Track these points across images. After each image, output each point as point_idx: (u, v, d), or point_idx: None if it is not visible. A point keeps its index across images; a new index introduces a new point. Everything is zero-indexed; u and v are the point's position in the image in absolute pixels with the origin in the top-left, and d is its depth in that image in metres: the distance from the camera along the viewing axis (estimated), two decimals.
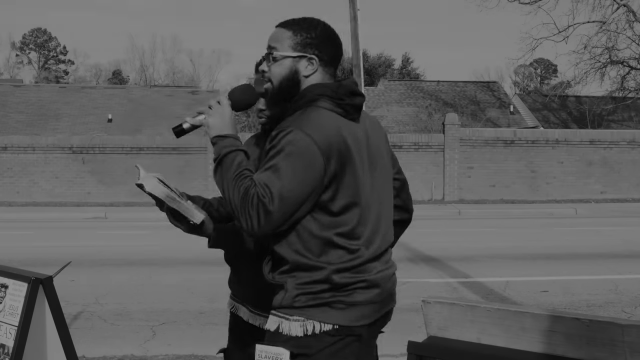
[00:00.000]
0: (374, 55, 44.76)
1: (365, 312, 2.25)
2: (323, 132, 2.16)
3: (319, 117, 2.21)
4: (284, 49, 2.30)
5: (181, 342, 5.75)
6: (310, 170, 2.13)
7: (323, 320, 2.19)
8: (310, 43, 2.29)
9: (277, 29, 2.35)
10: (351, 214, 2.21)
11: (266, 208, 2.07)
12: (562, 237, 12.08)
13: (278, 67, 2.29)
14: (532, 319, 2.07)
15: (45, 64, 65.77)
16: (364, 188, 2.25)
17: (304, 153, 2.12)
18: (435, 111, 28.77)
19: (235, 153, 2.21)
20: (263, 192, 2.08)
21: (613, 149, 19.78)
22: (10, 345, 2.52)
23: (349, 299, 2.21)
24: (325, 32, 2.34)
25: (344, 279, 2.20)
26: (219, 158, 2.22)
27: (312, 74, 2.30)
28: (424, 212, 17.18)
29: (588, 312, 6.64)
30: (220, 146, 2.24)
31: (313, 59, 2.29)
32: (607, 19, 25.98)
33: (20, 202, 18.71)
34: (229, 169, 2.17)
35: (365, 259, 2.25)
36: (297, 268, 2.22)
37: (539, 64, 60.34)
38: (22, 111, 28.05)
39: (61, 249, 10.78)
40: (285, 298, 2.23)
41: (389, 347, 5.59)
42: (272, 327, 2.26)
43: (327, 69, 2.33)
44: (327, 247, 2.20)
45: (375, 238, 2.29)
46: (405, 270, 8.89)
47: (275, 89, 2.32)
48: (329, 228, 2.20)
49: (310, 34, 2.30)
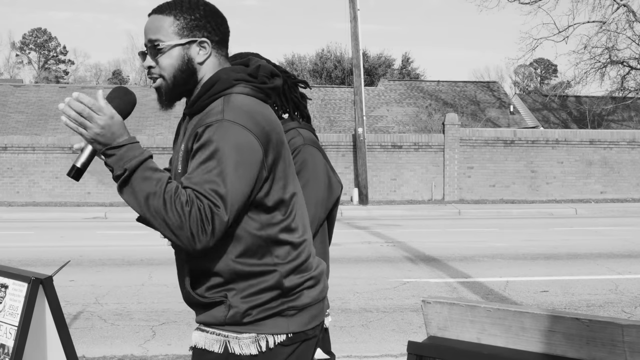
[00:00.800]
0: (374, 55, 44.75)
1: (314, 313, 2.13)
2: (255, 120, 1.96)
3: (245, 105, 1.98)
4: (169, 38, 2.02)
5: (181, 342, 5.75)
6: (253, 164, 1.93)
7: (276, 332, 2.03)
8: (197, 25, 2.04)
9: (152, 17, 2.06)
10: (285, 206, 2.05)
11: (221, 218, 1.86)
12: (562, 237, 12.08)
13: (167, 58, 2.03)
14: (532, 319, 2.07)
15: (45, 64, 65.77)
16: (291, 177, 2.09)
17: (242, 146, 1.91)
18: (435, 111, 28.76)
19: (144, 164, 1.88)
20: (214, 201, 1.85)
21: (613, 149, 19.78)
22: (10, 345, 2.52)
23: (299, 303, 2.07)
24: (209, 9, 2.08)
25: (291, 281, 2.05)
26: (124, 175, 1.87)
27: (206, 59, 2.06)
28: (424, 212, 17.19)
29: (588, 312, 6.64)
30: (117, 159, 1.88)
31: (204, 42, 2.04)
32: (607, 19, 25.98)
33: (20, 202, 18.71)
34: (146, 186, 1.85)
35: (307, 253, 2.11)
36: (238, 278, 2.00)
37: (539, 64, 60.37)
38: (22, 111, 28.05)
39: (61, 249, 10.78)
40: (230, 315, 2.01)
41: (389, 347, 5.60)
42: (214, 348, 2.04)
43: (220, 50, 2.09)
44: (271, 246, 2.03)
45: (306, 230, 2.15)
46: (405, 270, 8.88)
47: (169, 84, 2.05)
48: (270, 225, 2.02)
49: (194, 14, 2.04)
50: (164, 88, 2.06)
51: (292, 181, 2.09)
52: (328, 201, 2.69)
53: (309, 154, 2.65)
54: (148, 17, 2.08)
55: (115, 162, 1.88)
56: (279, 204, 2.04)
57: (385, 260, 9.62)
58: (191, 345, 2.14)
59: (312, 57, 45.37)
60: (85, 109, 1.87)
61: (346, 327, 6.13)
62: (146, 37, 2.06)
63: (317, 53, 45.16)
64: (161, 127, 26.21)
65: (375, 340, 5.76)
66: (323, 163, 2.69)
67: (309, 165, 2.64)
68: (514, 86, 58.19)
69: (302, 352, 2.11)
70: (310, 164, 2.64)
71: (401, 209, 17.51)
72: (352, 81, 21.39)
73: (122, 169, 1.87)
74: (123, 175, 1.87)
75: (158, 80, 2.06)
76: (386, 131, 27.34)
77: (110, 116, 1.89)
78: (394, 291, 7.61)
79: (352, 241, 11.35)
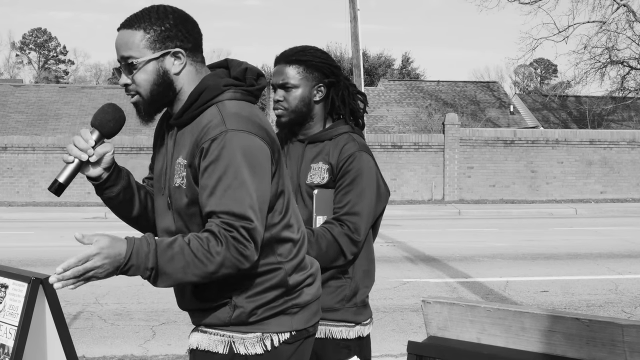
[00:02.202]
0: (374, 55, 44.75)
1: (314, 309, 2.15)
2: (256, 123, 1.97)
3: (242, 110, 1.98)
4: (142, 53, 1.98)
5: (181, 342, 5.75)
6: (265, 164, 1.95)
7: (280, 331, 2.04)
8: (169, 35, 1.99)
9: (122, 32, 2.02)
10: (283, 203, 2.06)
11: (257, 230, 1.90)
12: (562, 237, 12.08)
13: (142, 74, 1.99)
14: (532, 319, 2.07)
15: (45, 64, 65.78)
16: (284, 174, 2.09)
17: (252, 150, 1.92)
18: (435, 111, 28.76)
19: (158, 250, 1.85)
20: (246, 217, 1.87)
21: (613, 149, 19.78)
22: (10, 345, 2.52)
23: (301, 300, 2.08)
24: (177, 17, 2.02)
25: (294, 279, 2.06)
26: (153, 274, 1.86)
27: (182, 69, 2.01)
28: (424, 212, 17.20)
29: (588, 312, 6.64)
30: (136, 269, 1.85)
31: (178, 52, 2.00)
32: (607, 19, 25.99)
33: (20, 202, 18.71)
34: (177, 264, 1.85)
35: (305, 251, 2.13)
36: (242, 278, 1.99)
37: (539, 64, 60.36)
38: (22, 111, 28.06)
39: (61, 249, 10.77)
40: (236, 315, 2.01)
41: (389, 347, 5.59)
42: (218, 349, 2.04)
43: (195, 57, 2.05)
44: (274, 244, 2.03)
45: (301, 226, 2.16)
46: (405, 270, 8.89)
47: (147, 99, 2.01)
48: (272, 222, 2.02)
49: (164, 25, 1.99)
50: (141, 104, 2.02)
51: (285, 178, 2.09)
52: (376, 210, 2.64)
53: (365, 162, 2.59)
54: (117, 32, 2.03)
55: (135, 271, 1.86)
56: (278, 201, 2.04)
57: (385, 260, 9.62)
58: (191, 347, 2.11)
59: None
60: (78, 270, 1.80)
61: None
62: (118, 53, 2.02)
63: None
64: None
65: (375, 340, 5.73)
66: (376, 172, 2.64)
67: (365, 174, 2.58)
68: (514, 86, 58.20)
69: (304, 349, 2.12)
70: (366, 173, 2.58)
71: (401, 209, 17.52)
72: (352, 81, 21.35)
73: (148, 271, 1.85)
74: (152, 275, 1.86)
75: (135, 96, 2.02)
76: (386, 131, 27.34)
77: (99, 248, 1.81)
78: (394, 291, 7.61)
79: None
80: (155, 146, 2.22)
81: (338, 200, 2.56)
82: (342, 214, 2.54)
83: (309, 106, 2.63)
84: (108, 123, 2.04)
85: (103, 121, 2.05)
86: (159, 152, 2.18)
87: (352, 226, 2.53)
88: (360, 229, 2.54)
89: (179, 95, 2.04)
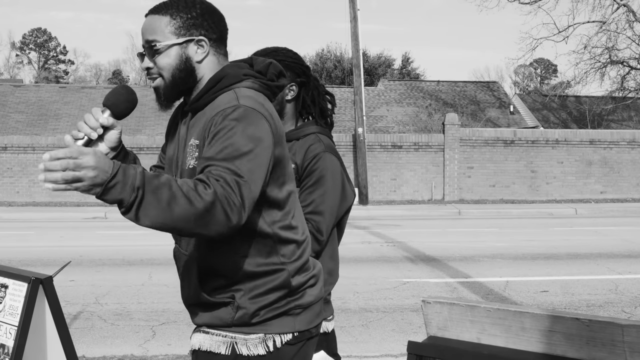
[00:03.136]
0: (374, 55, 44.76)
1: (317, 311, 2.14)
2: (267, 112, 1.96)
3: (257, 96, 1.98)
4: (166, 38, 2.00)
5: (181, 342, 5.75)
6: (266, 146, 1.90)
7: (283, 332, 2.03)
8: (194, 23, 2.01)
9: (149, 17, 2.04)
10: (285, 204, 2.05)
11: (248, 187, 1.80)
12: (561, 237, 12.08)
13: (165, 58, 2.00)
14: (532, 319, 2.07)
15: (45, 64, 65.77)
16: (288, 176, 2.08)
17: (257, 126, 1.88)
18: (435, 111, 28.76)
19: (145, 175, 1.71)
20: (236, 172, 1.79)
21: (613, 149, 19.78)
22: (10, 345, 2.52)
23: (304, 301, 2.07)
24: (205, 7, 2.05)
25: (297, 280, 2.06)
26: (139, 196, 1.68)
27: (204, 57, 2.03)
28: (424, 212, 17.19)
29: (588, 312, 6.64)
30: (122, 186, 1.68)
31: (202, 40, 2.02)
32: (607, 19, 25.98)
33: (20, 202, 18.71)
34: (162, 195, 1.69)
35: (308, 252, 2.12)
36: (245, 278, 1.99)
37: (539, 64, 60.38)
38: (22, 111, 28.04)
39: (61, 249, 10.78)
40: (239, 316, 2.00)
41: (389, 347, 5.60)
42: (221, 350, 2.03)
43: (219, 48, 2.07)
44: (277, 245, 2.02)
45: (305, 228, 2.15)
46: (405, 270, 8.89)
47: (168, 84, 2.02)
48: (274, 222, 2.01)
49: (190, 13, 2.01)
50: (162, 88, 2.03)
51: (290, 180, 2.09)
52: (339, 210, 2.68)
53: (329, 163, 2.64)
54: (145, 18, 2.05)
55: (121, 191, 1.67)
56: (280, 202, 2.04)
57: (385, 260, 9.62)
58: (193, 348, 2.10)
59: (312, 57, 45.38)
60: (68, 162, 1.63)
61: (346, 327, 6.13)
62: (143, 38, 2.04)
63: (317, 53, 45.20)
64: (161, 127, 26.21)
65: (375, 340, 5.76)
66: (340, 172, 2.68)
67: (329, 174, 2.62)
68: (514, 86, 58.23)
69: (306, 350, 2.12)
70: (330, 174, 2.63)
71: (401, 209, 17.51)
72: (352, 81, 21.39)
73: (134, 192, 1.68)
74: (137, 198, 1.68)
75: (157, 80, 2.03)
76: (386, 131, 27.34)
77: (93, 152, 1.67)
78: (394, 291, 7.61)
79: (352, 241, 11.35)
80: (168, 134, 2.21)
81: (302, 199, 2.59)
82: (305, 212, 2.58)
83: (282, 105, 2.70)
84: (122, 104, 2.05)
85: (117, 102, 2.06)
86: (172, 139, 2.17)
87: (315, 225, 2.58)
88: (322, 228, 2.59)
89: (198, 84, 2.05)
